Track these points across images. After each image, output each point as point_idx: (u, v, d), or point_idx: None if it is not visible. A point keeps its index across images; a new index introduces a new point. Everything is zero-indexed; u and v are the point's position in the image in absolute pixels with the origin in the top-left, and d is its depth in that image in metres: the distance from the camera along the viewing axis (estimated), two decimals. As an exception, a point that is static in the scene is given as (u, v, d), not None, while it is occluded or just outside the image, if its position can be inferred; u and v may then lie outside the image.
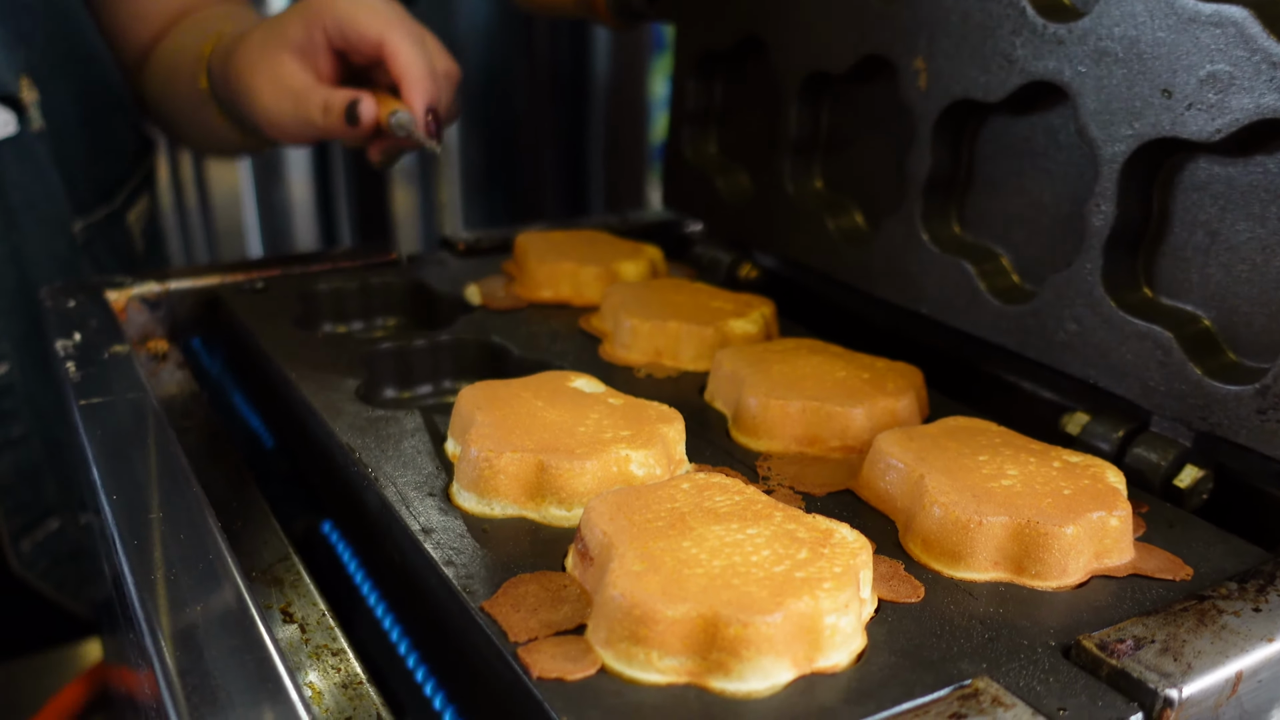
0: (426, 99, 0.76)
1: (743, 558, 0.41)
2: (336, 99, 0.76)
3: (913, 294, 0.69)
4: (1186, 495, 0.54)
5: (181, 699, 0.38)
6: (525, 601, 0.43)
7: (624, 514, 0.44)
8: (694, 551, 0.41)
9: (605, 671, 0.39)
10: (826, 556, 0.41)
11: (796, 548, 0.42)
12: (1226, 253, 0.55)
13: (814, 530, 0.43)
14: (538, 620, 0.41)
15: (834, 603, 0.39)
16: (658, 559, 0.41)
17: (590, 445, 0.50)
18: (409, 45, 0.75)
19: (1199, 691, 0.39)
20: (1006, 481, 0.49)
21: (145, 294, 0.78)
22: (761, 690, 0.38)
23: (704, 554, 0.41)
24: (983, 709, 0.37)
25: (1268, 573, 0.45)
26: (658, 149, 1.80)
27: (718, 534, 0.42)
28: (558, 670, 0.39)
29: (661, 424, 0.52)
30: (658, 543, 0.42)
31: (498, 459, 0.49)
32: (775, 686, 0.38)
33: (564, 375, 0.58)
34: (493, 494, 0.49)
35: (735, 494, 0.46)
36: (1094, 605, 0.44)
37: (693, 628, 0.38)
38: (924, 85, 0.66)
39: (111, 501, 0.50)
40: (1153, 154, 0.56)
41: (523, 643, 0.40)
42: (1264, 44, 0.50)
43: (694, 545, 0.42)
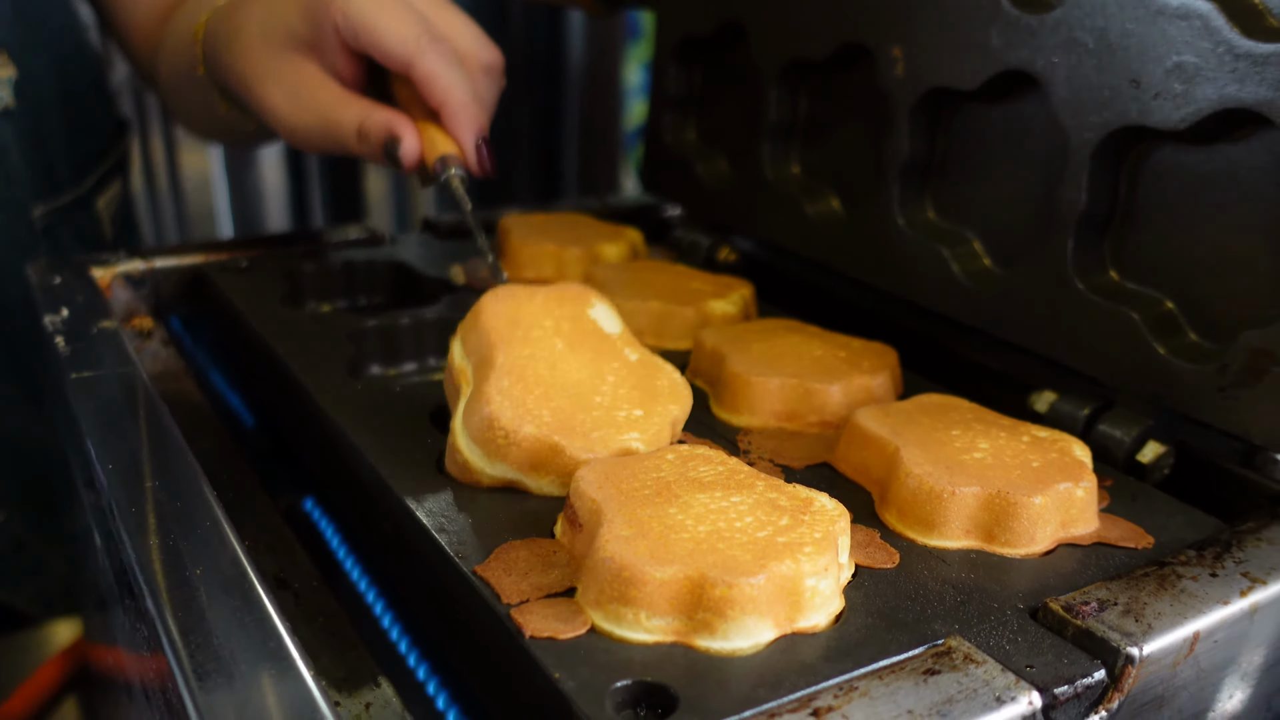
0: (474, 129, 0.68)
1: (727, 524, 0.43)
2: (374, 126, 0.67)
3: (888, 277, 0.71)
4: (1149, 470, 0.57)
5: (185, 658, 0.39)
6: (516, 566, 0.44)
7: (612, 483, 0.45)
8: (680, 518, 0.43)
9: (595, 631, 0.40)
10: (807, 523, 0.43)
11: (778, 515, 0.44)
12: (1189, 237, 0.57)
13: (795, 499, 0.45)
14: (529, 583, 0.43)
15: (814, 566, 0.41)
16: (645, 524, 0.42)
17: (603, 428, 0.50)
18: (443, 66, 0.66)
19: (1158, 650, 0.41)
20: (978, 454, 0.50)
21: (129, 271, 0.79)
22: (745, 649, 0.40)
23: (690, 520, 0.43)
24: (955, 665, 0.39)
25: (1224, 541, 0.48)
26: (631, 135, 1.81)
27: (703, 501, 0.44)
28: (550, 630, 0.40)
29: (672, 404, 0.53)
30: (645, 510, 0.43)
31: (516, 433, 0.49)
32: (758, 645, 0.40)
33: (583, 297, 0.58)
34: (499, 458, 0.49)
35: (719, 464, 0.47)
36: (1060, 571, 0.46)
37: (679, 589, 0.40)
38: (901, 73, 0.68)
39: (108, 471, 0.51)
40: (1121, 142, 0.58)
41: (515, 605, 0.42)
42: (1227, 36, 0.52)
43: (680, 512, 0.43)
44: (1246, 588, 0.44)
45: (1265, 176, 0.53)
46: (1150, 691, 0.42)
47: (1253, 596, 0.44)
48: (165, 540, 0.46)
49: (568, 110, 2.15)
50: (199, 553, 0.45)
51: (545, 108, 2.13)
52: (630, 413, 0.52)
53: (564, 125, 2.15)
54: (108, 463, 0.51)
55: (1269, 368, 0.52)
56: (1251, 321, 0.53)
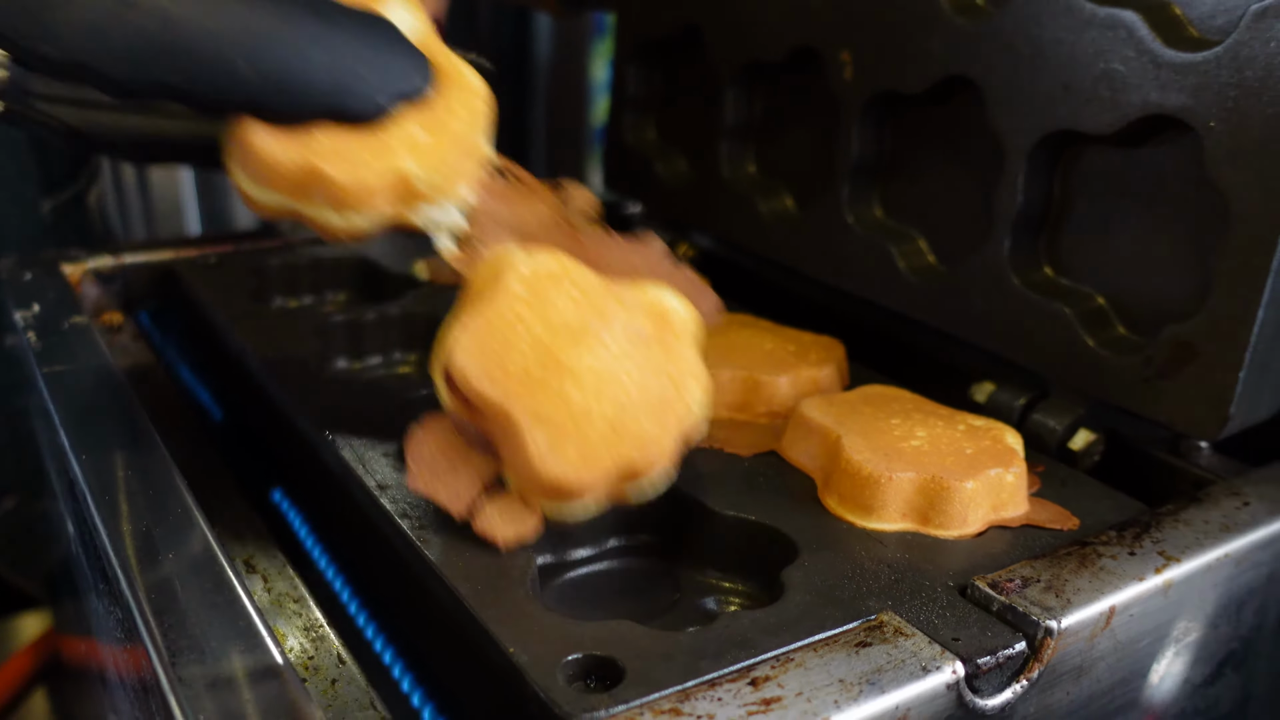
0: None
1: (625, 392, 0.46)
2: None
3: (838, 273, 0.74)
4: (1080, 456, 0.60)
5: (159, 636, 0.41)
6: (438, 465, 0.47)
7: (495, 366, 0.45)
8: (580, 399, 0.45)
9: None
10: (672, 346, 0.48)
11: (649, 348, 0.47)
12: (1117, 236, 0.60)
13: (652, 314, 0.48)
14: (463, 481, 0.46)
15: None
16: (558, 424, 0.44)
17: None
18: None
19: (1076, 623, 0.44)
20: (915, 442, 0.53)
21: (100, 268, 0.80)
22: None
23: (590, 399, 0.45)
24: (885, 638, 0.42)
25: (1144, 522, 0.51)
26: (599, 132, 1.83)
27: (589, 366, 0.45)
28: (513, 532, 0.45)
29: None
30: (544, 401, 0.44)
31: (278, 160, 0.46)
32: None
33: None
34: (266, 186, 0.47)
35: (570, 289, 0.47)
36: (990, 552, 0.49)
37: (611, 477, 0.45)
38: (850, 77, 0.71)
39: (81, 461, 0.52)
40: (1054, 145, 0.61)
41: (470, 517, 0.46)
42: (1151, 45, 0.55)
43: (576, 389, 0.45)
44: (1161, 565, 0.47)
45: (1186, 178, 0.56)
46: (1069, 662, 0.44)
47: (1167, 573, 0.47)
48: (138, 527, 0.48)
49: (534, 107, 2.16)
50: (171, 538, 0.47)
51: (512, 105, 2.15)
52: (410, 134, 0.48)
53: (531, 122, 2.16)
54: (81, 454, 0.53)
55: (1189, 359, 0.55)
56: (1174, 316, 0.56)
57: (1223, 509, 0.52)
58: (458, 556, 0.46)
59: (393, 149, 0.47)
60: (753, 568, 0.51)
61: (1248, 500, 0.53)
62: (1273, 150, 0.51)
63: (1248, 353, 0.53)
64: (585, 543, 0.53)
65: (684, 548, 0.53)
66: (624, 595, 0.51)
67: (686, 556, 0.53)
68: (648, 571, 0.53)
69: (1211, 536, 0.50)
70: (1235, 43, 0.52)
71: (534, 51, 2.11)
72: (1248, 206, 0.52)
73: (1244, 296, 0.52)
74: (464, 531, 0.48)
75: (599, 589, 0.51)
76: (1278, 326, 0.54)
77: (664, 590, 0.51)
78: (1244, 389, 0.54)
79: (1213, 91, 0.53)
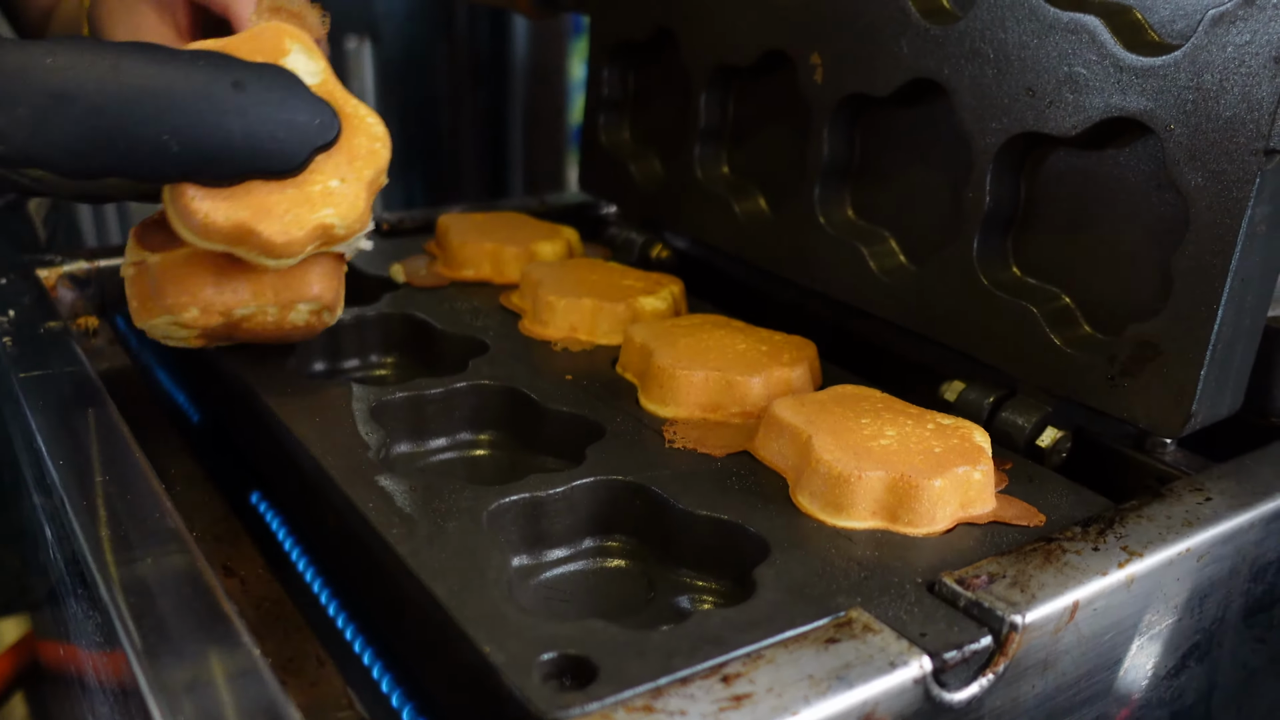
0: None
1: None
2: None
3: (811, 273, 0.75)
4: (1047, 454, 0.61)
5: (138, 640, 0.41)
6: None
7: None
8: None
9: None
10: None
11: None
12: (1082, 236, 0.61)
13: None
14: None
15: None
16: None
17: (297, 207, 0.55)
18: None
19: (1040, 618, 0.45)
20: (885, 441, 0.54)
21: (74, 272, 0.80)
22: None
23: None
24: (854, 634, 0.43)
25: (1108, 518, 0.52)
26: (576, 129, 1.84)
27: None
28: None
29: (368, 168, 0.56)
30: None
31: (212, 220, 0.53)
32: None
33: (277, 41, 0.57)
34: (206, 239, 0.55)
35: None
36: (957, 548, 0.50)
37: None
38: (820, 79, 0.72)
39: (58, 466, 0.53)
40: (1020, 146, 0.62)
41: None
42: (1112, 50, 0.56)
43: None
44: (1124, 560, 0.48)
45: (1147, 180, 0.57)
46: (1034, 655, 0.45)
47: (1130, 568, 0.48)
48: (116, 532, 0.48)
49: (513, 105, 2.17)
50: (149, 543, 0.47)
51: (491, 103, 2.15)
52: (326, 185, 0.54)
53: (509, 120, 2.16)
54: (58, 459, 0.54)
55: (1152, 358, 0.56)
56: (1137, 315, 0.58)
57: (1185, 504, 0.53)
58: (434, 557, 0.47)
59: (313, 201, 0.54)
60: (725, 566, 0.52)
61: (1210, 495, 0.54)
62: (1230, 153, 0.52)
63: (1209, 351, 0.54)
64: (561, 543, 0.54)
65: (658, 547, 0.54)
66: (599, 594, 0.52)
67: (660, 556, 0.53)
68: (622, 571, 0.53)
69: (1174, 531, 0.51)
70: (1194, 47, 0.53)
71: (512, 50, 2.12)
72: (1206, 208, 0.53)
73: (1204, 296, 0.54)
74: (440, 533, 0.48)
75: (574, 588, 0.52)
76: (1237, 326, 0.55)
77: (638, 589, 0.52)
78: (1205, 387, 0.55)
79: (1172, 95, 0.54)
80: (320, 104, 0.55)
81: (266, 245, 0.53)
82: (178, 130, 0.51)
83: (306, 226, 0.53)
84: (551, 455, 0.62)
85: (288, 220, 0.53)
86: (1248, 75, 0.51)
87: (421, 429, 0.63)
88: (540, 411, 0.62)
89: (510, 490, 0.52)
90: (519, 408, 0.63)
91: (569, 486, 0.53)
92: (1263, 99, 0.51)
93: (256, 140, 0.53)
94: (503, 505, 0.51)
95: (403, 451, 0.62)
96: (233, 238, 0.53)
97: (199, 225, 0.53)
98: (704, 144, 0.83)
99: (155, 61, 0.52)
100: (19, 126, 0.49)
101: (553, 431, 0.62)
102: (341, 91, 0.57)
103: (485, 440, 0.64)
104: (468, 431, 0.64)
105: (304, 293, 0.58)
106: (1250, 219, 0.52)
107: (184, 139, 0.51)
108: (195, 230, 0.53)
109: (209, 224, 0.53)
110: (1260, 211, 0.53)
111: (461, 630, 0.42)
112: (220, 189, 0.53)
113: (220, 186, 0.53)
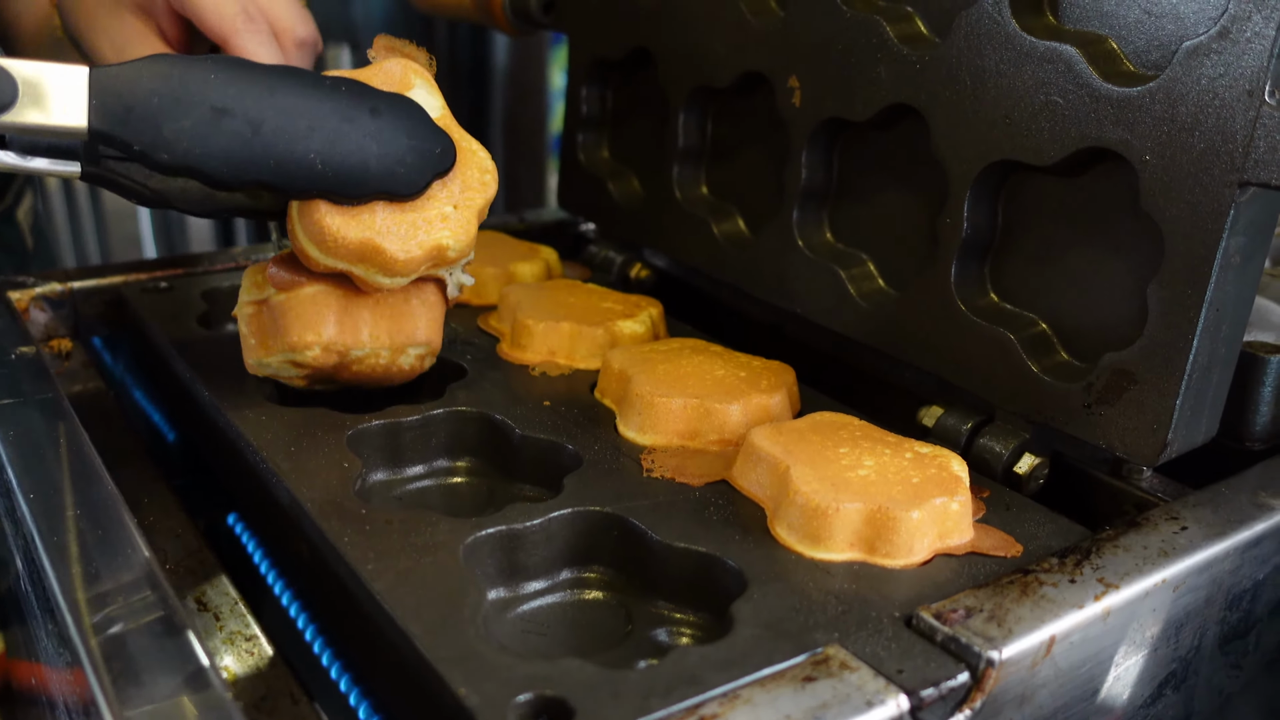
0: None
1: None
2: None
3: (789, 296, 0.75)
4: (1025, 480, 0.61)
5: (109, 684, 0.41)
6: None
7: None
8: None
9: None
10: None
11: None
12: (1059, 263, 0.61)
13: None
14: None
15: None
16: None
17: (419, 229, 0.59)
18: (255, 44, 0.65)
19: (1017, 653, 0.45)
20: (863, 471, 0.54)
21: (48, 294, 0.79)
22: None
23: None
24: (831, 672, 0.43)
25: (1085, 548, 0.52)
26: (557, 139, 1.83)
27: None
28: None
29: (479, 195, 0.61)
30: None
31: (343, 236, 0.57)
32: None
33: (405, 78, 0.61)
34: (330, 255, 0.58)
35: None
36: (935, 581, 0.50)
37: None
38: (798, 103, 0.72)
39: (29, 500, 0.52)
40: (997, 173, 0.62)
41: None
42: (1089, 80, 0.56)
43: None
44: (1101, 592, 0.48)
45: (1124, 209, 0.58)
46: (1011, 690, 0.45)
47: (1106, 600, 0.48)
48: (87, 568, 0.47)
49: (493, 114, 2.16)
50: (120, 579, 0.47)
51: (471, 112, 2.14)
52: (441, 210, 0.59)
53: (490, 129, 2.16)
54: (29, 492, 0.53)
55: (1129, 386, 0.56)
56: (1113, 343, 0.58)
57: (1161, 533, 0.53)
58: (409, 594, 0.46)
59: (431, 223, 0.58)
60: (703, 599, 0.51)
61: (1186, 524, 0.54)
62: (1204, 184, 0.52)
63: (1184, 381, 0.54)
64: (538, 575, 0.53)
65: (636, 579, 0.53)
66: (576, 628, 0.51)
67: (639, 587, 0.53)
68: (600, 603, 0.53)
69: (1150, 562, 0.51)
70: (1169, 79, 0.53)
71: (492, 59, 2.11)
72: (1182, 238, 0.53)
73: (1180, 326, 0.54)
74: (416, 568, 0.48)
75: (552, 621, 0.52)
76: (1213, 354, 0.55)
77: (616, 622, 0.52)
78: (1181, 416, 0.55)
79: (1148, 126, 0.54)
80: (441, 134, 0.60)
81: (389, 262, 0.57)
82: (324, 151, 0.55)
83: (425, 246, 0.58)
84: (530, 483, 0.62)
85: (407, 239, 0.57)
86: (1221, 107, 0.51)
87: (398, 457, 0.62)
88: (518, 439, 0.62)
89: (487, 523, 0.52)
90: (497, 435, 0.63)
91: (546, 518, 0.53)
92: (1236, 131, 0.51)
93: (388, 163, 0.57)
94: (479, 539, 0.51)
95: (379, 480, 0.62)
96: (357, 253, 0.57)
97: (330, 239, 0.56)
98: (682, 164, 0.83)
99: (305, 84, 0.56)
100: (182, 136, 0.53)
101: (531, 459, 0.61)
102: (457, 126, 0.61)
103: (463, 468, 0.64)
104: (445, 459, 0.63)
105: (414, 336, 0.62)
106: (1225, 250, 0.52)
107: (327, 157, 0.56)
108: (325, 244, 0.57)
109: (339, 238, 0.56)
110: (1235, 242, 0.53)
111: (436, 671, 0.42)
112: (349, 208, 0.57)
113: (350, 205, 0.57)
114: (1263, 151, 0.50)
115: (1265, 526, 0.55)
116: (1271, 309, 0.69)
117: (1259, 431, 0.62)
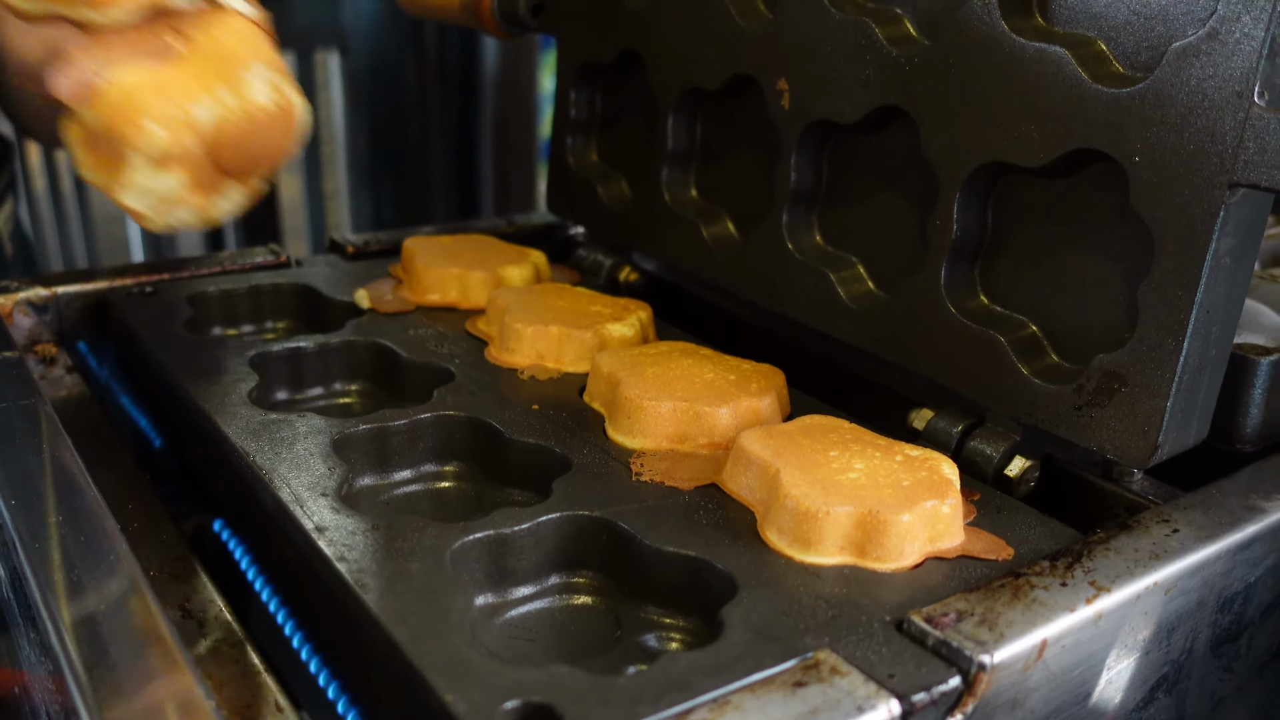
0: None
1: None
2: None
3: (779, 298, 0.75)
4: (1016, 483, 0.61)
5: (90, 692, 0.40)
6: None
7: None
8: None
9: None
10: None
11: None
12: (1049, 265, 0.61)
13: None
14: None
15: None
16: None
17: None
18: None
19: (1009, 657, 0.45)
20: (853, 475, 0.54)
21: (32, 298, 0.79)
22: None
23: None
24: (822, 677, 0.43)
25: (1076, 551, 0.52)
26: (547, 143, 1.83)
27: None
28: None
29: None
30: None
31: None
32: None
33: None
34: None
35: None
36: (926, 584, 0.50)
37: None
38: (787, 105, 0.71)
39: (11, 507, 0.52)
40: (987, 176, 0.62)
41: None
42: (1078, 81, 0.56)
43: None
44: (1092, 595, 0.48)
45: (1114, 211, 0.57)
46: (1003, 695, 0.45)
47: (1098, 604, 0.48)
48: (70, 576, 0.47)
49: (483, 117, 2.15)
50: (104, 588, 0.46)
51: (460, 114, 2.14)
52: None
53: (479, 132, 2.15)
54: (11, 498, 0.52)
55: (1119, 388, 0.56)
56: (1103, 345, 0.58)
57: (1152, 536, 0.53)
58: (396, 600, 0.46)
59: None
60: (693, 604, 0.51)
61: (1177, 527, 0.54)
62: (1194, 186, 0.52)
63: (1175, 383, 0.54)
64: (526, 580, 0.53)
65: (625, 583, 0.53)
66: (565, 633, 0.51)
67: (628, 592, 0.53)
68: (589, 608, 0.53)
69: (1141, 565, 0.51)
70: (1158, 80, 0.53)
71: (482, 62, 2.11)
72: (1172, 240, 0.53)
73: (1170, 328, 0.54)
74: (403, 573, 0.48)
75: (540, 627, 0.51)
76: (1203, 357, 0.55)
77: (605, 627, 0.52)
78: (1171, 418, 0.55)
79: (1137, 128, 0.54)
80: None
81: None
82: None
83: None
84: (518, 487, 0.61)
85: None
86: (1211, 108, 0.51)
87: (386, 461, 0.62)
88: (506, 443, 0.61)
89: (474, 528, 0.51)
90: (485, 439, 0.62)
91: (535, 522, 0.52)
92: (1226, 132, 0.51)
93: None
94: (467, 544, 0.51)
95: (366, 484, 0.61)
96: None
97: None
98: (671, 167, 0.83)
99: None
100: None
101: (519, 463, 0.61)
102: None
103: (451, 472, 0.63)
104: (433, 463, 0.63)
105: (242, 65, 0.56)
106: (1215, 251, 0.52)
107: None
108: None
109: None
110: (1225, 244, 0.53)
111: (423, 677, 0.41)
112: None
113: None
114: (1252, 153, 0.50)
115: (1256, 529, 0.55)
116: (1262, 311, 0.69)
117: (1250, 434, 0.62)
